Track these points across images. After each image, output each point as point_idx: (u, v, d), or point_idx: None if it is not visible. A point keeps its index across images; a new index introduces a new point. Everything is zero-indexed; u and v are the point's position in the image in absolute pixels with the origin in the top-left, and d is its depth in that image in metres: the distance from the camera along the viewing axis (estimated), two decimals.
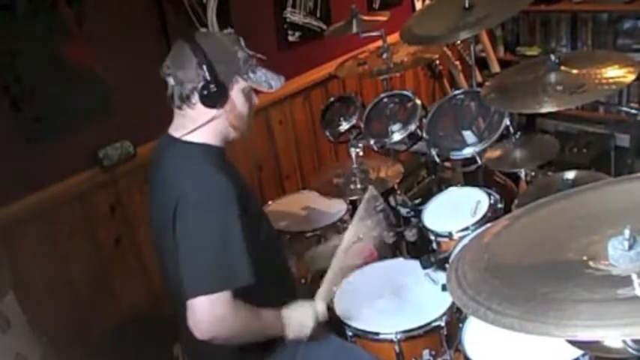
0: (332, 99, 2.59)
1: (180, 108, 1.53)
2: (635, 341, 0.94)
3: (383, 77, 2.57)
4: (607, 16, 3.44)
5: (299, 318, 1.59)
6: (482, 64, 3.46)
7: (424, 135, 2.20)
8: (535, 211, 1.07)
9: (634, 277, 0.79)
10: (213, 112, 1.51)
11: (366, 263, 2.01)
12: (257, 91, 1.61)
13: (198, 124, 1.52)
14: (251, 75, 1.54)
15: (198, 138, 1.54)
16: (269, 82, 1.56)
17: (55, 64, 1.98)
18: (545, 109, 1.77)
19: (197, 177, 1.48)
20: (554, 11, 3.62)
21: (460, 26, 2.14)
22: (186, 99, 1.50)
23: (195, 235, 1.43)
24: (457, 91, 2.29)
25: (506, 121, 2.05)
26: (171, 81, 1.51)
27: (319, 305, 1.64)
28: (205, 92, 1.47)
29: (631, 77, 1.66)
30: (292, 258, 2.06)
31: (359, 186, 2.12)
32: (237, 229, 1.44)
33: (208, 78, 1.46)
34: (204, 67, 1.46)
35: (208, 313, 1.41)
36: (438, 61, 2.83)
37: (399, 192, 2.34)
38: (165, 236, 1.50)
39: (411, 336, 1.67)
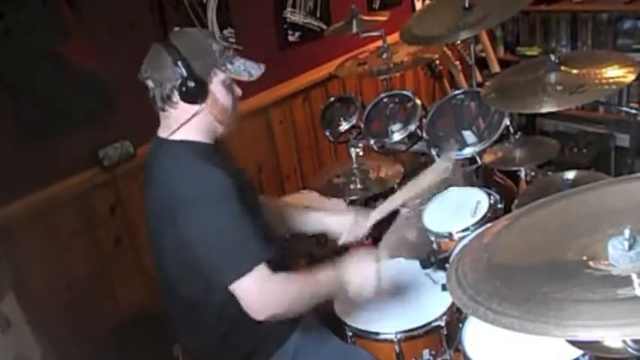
0: (332, 99, 2.59)
1: (163, 110, 1.53)
2: (635, 341, 0.94)
3: (383, 77, 2.56)
4: (607, 16, 3.44)
5: (360, 274, 1.57)
6: (483, 64, 3.45)
7: (424, 135, 2.20)
8: (535, 211, 1.07)
9: (634, 277, 0.79)
10: (195, 108, 1.51)
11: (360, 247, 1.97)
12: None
13: (182, 122, 1.52)
14: (229, 66, 1.52)
15: (186, 135, 1.53)
16: (248, 70, 1.55)
17: (55, 64, 1.98)
18: (545, 109, 1.77)
19: (189, 171, 1.48)
20: (554, 11, 3.63)
21: (460, 26, 2.14)
22: (167, 99, 1.50)
23: (205, 226, 1.42)
24: (457, 91, 2.28)
25: (506, 121, 2.05)
26: (150, 84, 1.51)
27: (382, 256, 1.61)
28: (184, 89, 1.47)
29: (631, 77, 1.66)
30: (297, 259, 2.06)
31: (359, 186, 2.11)
32: (242, 213, 1.44)
33: (185, 74, 1.46)
34: (180, 63, 1.45)
35: (256, 291, 1.41)
36: (438, 61, 2.82)
37: None
38: (163, 237, 1.50)
39: (411, 336, 1.67)
